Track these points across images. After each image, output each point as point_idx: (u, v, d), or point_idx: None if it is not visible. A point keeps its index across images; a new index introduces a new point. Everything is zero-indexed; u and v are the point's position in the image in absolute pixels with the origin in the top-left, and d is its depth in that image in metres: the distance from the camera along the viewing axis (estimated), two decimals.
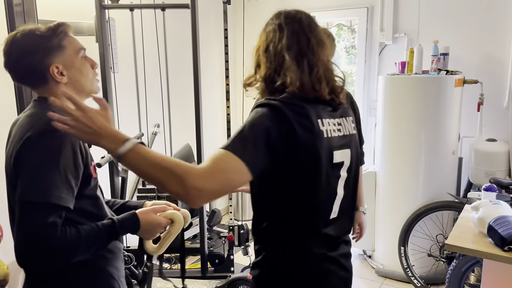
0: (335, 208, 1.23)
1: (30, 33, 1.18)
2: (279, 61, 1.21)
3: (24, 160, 1.09)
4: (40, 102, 1.22)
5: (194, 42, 2.59)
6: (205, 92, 4.21)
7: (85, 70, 1.25)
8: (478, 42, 3.37)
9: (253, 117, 1.12)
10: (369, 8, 3.85)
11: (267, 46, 1.24)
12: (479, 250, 1.74)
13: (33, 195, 1.05)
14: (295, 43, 1.21)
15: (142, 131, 2.88)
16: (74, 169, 1.12)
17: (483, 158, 3.22)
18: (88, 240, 1.11)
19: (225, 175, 1.04)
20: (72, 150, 1.11)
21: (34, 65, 1.17)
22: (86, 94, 1.28)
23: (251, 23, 4.39)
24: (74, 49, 1.23)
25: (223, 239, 2.89)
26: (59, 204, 1.07)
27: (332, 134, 1.19)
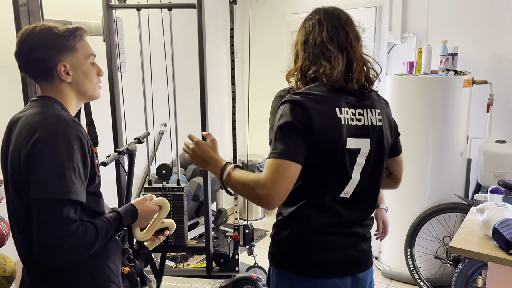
0: (347, 189, 1.31)
1: (48, 29, 1.23)
2: (316, 54, 1.32)
3: (38, 160, 1.11)
4: (45, 101, 1.24)
5: (200, 42, 2.60)
6: (212, 91, 4.22)
7: (90, 75, 1.30)
8: (488, 42, 3.33)
9: (280, 116, 1.25)
10: (377, 7, 3.82)
11: (306, 40, 1.34)
12: (484, 253, 1.72)
13: (54, 193, 1.08)
14: (334, 36, 1.31)
15: (148, 130, 2.90)
16: (83, 166, 1.16)
17: (492, 160, 3.17)
18: (103, 234, 1.18)
19: (282, 177, 1.19)
20: (81, 148, 1.16)
21: (44, 59, 1.21)
22: (87, 97, 1.34)
23: (258, 23, 4.40)
24: (85, 53, 1.28)
25: (228, 238, 2.89)
26: (78, 200, 1.12)
27: (349, 122, 1.28)
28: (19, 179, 1.16)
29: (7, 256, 2.44)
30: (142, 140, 2.73)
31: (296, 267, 1.33)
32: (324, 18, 1.34)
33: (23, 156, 1.13)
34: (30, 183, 1.11)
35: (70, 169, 1.11)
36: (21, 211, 1.19)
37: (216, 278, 2.86)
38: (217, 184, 3.90)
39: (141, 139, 2.71)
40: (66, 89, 1.26)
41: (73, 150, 1.13)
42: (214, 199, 4.17)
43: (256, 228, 4.25)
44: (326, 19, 1.34)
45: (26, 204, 1.13)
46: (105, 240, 1.20)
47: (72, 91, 1.28)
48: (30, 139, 1.13)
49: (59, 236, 1.07)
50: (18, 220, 1.23)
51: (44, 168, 1.10)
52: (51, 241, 1.07)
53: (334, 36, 1.32)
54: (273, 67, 4.44)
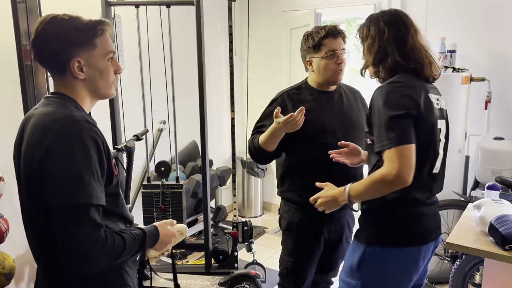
0: (437, 165, 1.57)
1: (68, 21, 1.17)
2: (391, 49, 1.51)
3: (54, 167, 1.07)
4: (58, 99, 1.19)
5: (199, 39, 2.60)
6: (211, 88, 4.22)
7: (106, 73, 1.23)
8: (486, 40, 3.33)
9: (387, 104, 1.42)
10: (376, 5, 3.82)
11: (379, 38, 1.53)
12: (480, 249, 1.73)
13: (75, 199, 1.05)
14: (403, 32, 1.53)
15: (147, 128, 2.90)
16: (100, 168, 1.12)
17: (490, 157, 3.18)
18: (129, 249, 1.16)
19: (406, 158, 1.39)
20: (97, 149, 1.11)
21: (58, 52, 1.15)
22: (99, 96, 1.27)
23: (257, 20, 4.40)
24: (104, 50, 1.21)
25: (227, 235, 2.90)
26: (99, 204, 1.09)
27: (435, 106, 1.53)
28: (33, 183, 1.12)
29: (6, 253, 2.45)
30: (141, 137, 2.74)
31: (403, 240, 1.53)
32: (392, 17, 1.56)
33: (36, 160, 1.09)
34: (47, 191, 1.07)
35: (88, 172, 1.07)
36: (35, 213, 1.15)
37: (215, 274, 2.87)
38: (216, 181, 3.90)
39: (139, 136, 2.72)
40: (79, 86, 1.20)
41: (89, 152, 1.08)
42: (213, 196, 4.18)
43: (255, 225, 4.26)
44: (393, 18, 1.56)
45: (41, 207, 1.09)
46: (129, 256, 1.18)
47: (85, 89, 1.21)
48: (42, 142, 1.08)
49: (87, 243, 1.04)
50: (32, 222, 1.19)
51: (62, 175, 1.06)
52: (79, 249, 1.04)
53: (402, 32, 1.54)
54: (272, 64, 4.44)
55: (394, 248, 1.54)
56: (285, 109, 1.93)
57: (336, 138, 1.89)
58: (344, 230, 2.08)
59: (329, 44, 1.93)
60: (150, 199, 2.86)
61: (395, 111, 1.41)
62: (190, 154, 4.07)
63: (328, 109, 1.97)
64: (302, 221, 2.00)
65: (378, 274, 1.56)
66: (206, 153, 2.82)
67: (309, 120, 1.86)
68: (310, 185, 1.87)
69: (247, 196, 4.64)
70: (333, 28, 1.94)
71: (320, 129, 1.93)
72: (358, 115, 2.03)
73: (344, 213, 2.04)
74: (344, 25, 4.49)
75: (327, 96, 2.00)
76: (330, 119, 1.95)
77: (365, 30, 1.60)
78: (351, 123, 2.00)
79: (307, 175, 1.92)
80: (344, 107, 2.02)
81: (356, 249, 1.60)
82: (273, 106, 1.98)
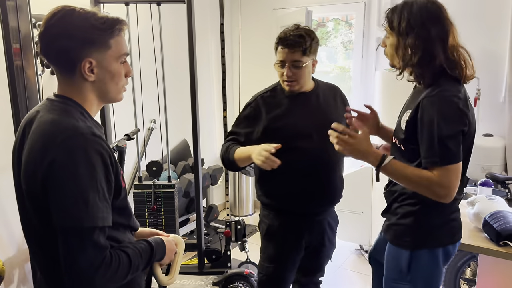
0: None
1: (84, 17, 1.07)
2: (437, 51, 1.41)
3: (58, 185, 1.01)
4: (63, 104, 1.11)
5: (190, 37, 2.58)
6: (202, 87, 4.20)
7: (117, 76, 1.14)
8: (475, 37, 3.36)
9: (444, 119, 1.36)
10: (366, 2, 3.83)
11: (425, 36, 1.41)
12: (475, 245, 1.75)
13: (79, 221, 1.00)
14: (446, 30, 1.43)
15: (138, 127, 2.87)
16: (106, 183, 1.06)
17: (479, 153, 3.21)
18: (135, 267, 1.11)
19: (457, 179, 1.40)
20: (103, 163, 1.05)
21: (68, 50, 1.06)
22: (107, 100, 1.19)
23: (247, 18, 4.38)
24: (118, 52, 1.12)
25: (220, 234, 2.89)
26: (104, 226, 1.03)
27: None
28: (37, 198, 1.06)
29: None
30: (132, 137, 2.71)
31: (447, 239, 1.55)
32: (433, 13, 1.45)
33: (39, 176, 1.02)
34: (51, 208, 1.01)
35: (93, 191, 1.01)
36: (41, 228, 1.09)
37: (208, 274, 2.86)
38: (208, 180, 3.88)
39: (131, 136, 2.69)
40: (87, 88, 1.11)
41: (95, 168, 1.02)
42: (205, 195, 4.16)
43: (247, 224, 4.24)
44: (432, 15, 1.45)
45: (47, 222, 1.04)
46: (135, 274, 1.12)
47: (94, 91, 1.13)
48: (44, 157, 1.01)
49: (91, 268, 0.99)
50: (37, 235, 1.13)
51: (65, 194, 1.00)
52: (81, 276, 1.00)
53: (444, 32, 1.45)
54: (263, 62, 4.43)
55: (439, 248, 1.54)
56: (259, 114, 1.85)
57: (313, 142, 1.81)
58: (326, 232, 1.99)
59: (280, 52, 1.79)
60: (141, 199, 2.84)
61: (451, 127, 1.36)
62: (181, 153, 4.04)
63: (304, 112, 1.86)
64: (282, 226, 1.92)
65: (427, 274, 1.56)
66: (199, 152, 2.80)
67: (284, 125, 1.81)
68: (287, 191, 1.84)
69: (238, 194, 4.63)
70: (289, 37, 1.76)
71: (295, 134, 1.83)
72: (337, 115, 1.89)
73: (325, 216, 1.96)
74: (331, 24, 4.50)
75: (303, 98, 1.87)
76: (306, 123, 1.84)
77: (404, 23, 1.43)
78: (328, 124, 1.85)
79: (284, 181, 1.84)
80: (321, 108, 1.90)
81: (400, 254, 1.57)
82: (247, 111, 1.90)
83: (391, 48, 1.50)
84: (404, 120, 1.50)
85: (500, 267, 1.86)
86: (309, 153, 1.81)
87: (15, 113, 1.93)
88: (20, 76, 1.87)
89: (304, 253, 1.96)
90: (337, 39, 4.63)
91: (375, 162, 1.46)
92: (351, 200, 3.58)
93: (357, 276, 3.31)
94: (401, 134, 1.52)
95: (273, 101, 1.87)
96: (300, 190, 1.84)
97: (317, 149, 1.81)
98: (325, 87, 1.97)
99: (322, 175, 1.85)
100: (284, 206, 1.88)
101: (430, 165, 1.39)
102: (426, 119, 1.38)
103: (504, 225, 1.69)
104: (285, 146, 1.74)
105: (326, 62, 4.79)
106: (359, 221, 3.54)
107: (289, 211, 1.87)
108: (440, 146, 1.35)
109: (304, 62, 1.76)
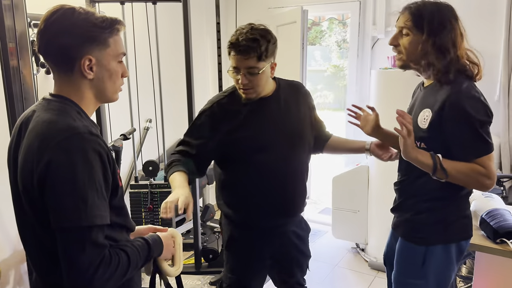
0: None
1: (84, 15, 1.09)
2: (458, 47, 1.50)
3: (55, 185, 1.00)
4: (60, 104, 1.11)
5: (186, 36, 2.57)
6: (198, 86, 4.19)
7: (115, 75, 1.16)
8: (470, 35, 3.35)
9: (477, 113, 1.41)
10: (361, 1, 3.84)
11: (450, 35, 1.48)
12: (472, 242, 1.75)
13: (78, 220, 0.99)
14: (460, 31, 1.52)
15: (134, 127, 2.86)
16: (104, 182, 1.07)
17: None
18: (134, 264, 1.11)
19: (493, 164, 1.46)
20: (101, 161, 1.05)
21: (69, 47, 1.07)
22: (104, 99, 1.19)
23: (242, 17, 4.37)
24: (116, 51, 1.14)
25: (217, 234, 2.89)
26: (103, 224, 1.04)
27: None
28: (33, 198, 1.05)
29: None
30: (128, 137, 2.71)
31: (462, 235, 1.57)
32: (451, 15, 1.56)
33: (36, 177, 1.02)
34: (49, 208, 1.01)
35: (92, 190, 1.01)
36: (37, 227, 1.09)
37: (205, 274, 2.86)
38: (204, 180, 3.87)
39: (127, 136, 2.69)
40: (85, 86, 1.12)
41: (93, 167, 1.02)
42: (201, 194, 4.15)
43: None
44: (453, 16, 1.56)
45: (43, 221, 1.04)
46: (134, 271, 1.13)
47: (91, 90, 1.14)
48: (41, 157, 1.01)
49: (91, 267, 0.99)
50: (33, 235, 1.13)
51: (63, 194, 1.00)
52: (82, 273, 0.99)
53: (458, 35, 1.55)
54: None
55: (453, 244, 1.56)
56: (215, 124, 1.71)
57: (274, 153, 1.70)
58: (292, 243, 1.88)
59: (233, 59, 1.62)
60: (138, 199, 2.83)
61: (484, 120, 1.43)
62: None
63: (263, 122, 1.71)
64: (243, 238, 1.81)
65: (441, 270, 1.57)
66: None
67: (243, 137, 1.68)
68: (247, 204, 1.75)
69: None
70: (241, 43, 1.57)
71: (255, 146, 1.69)
72: (299, 119, 1.79)
73: (288, 227, 1.84)
74: (326, 23, 4.50)
75: (263, 104, 1.71)
76: (267, 133, 1.70)
77: (436, 22, 1.49)
78: (291, 132, 1.75)
79: (244, 194, 1.74)
80: (282, 115, 1.74)
81: (414, 250, 1.58)
82: (202, 119, 1.76)
83: (411, 46, 1.50)
84: (423, 119, 1.50)
85: (497, 265, 1.87)
86: (268, 166, 1.70)
87: (11, 113, 1.92)
88: (17, 76, 1.86)
89: (271, 262, 1.86)
90: (331, 38, 4.64)
91: (425, 160, 1.45)
92: (347, 198, 3.59)
93: (353, 274, 3.32)
94: (421, 133, 1.51)
95: (230, 109, 1.72)
96: (260, 204, 1.74)
97: (277, 162, 1.70)
98: (287, 87, 1.80)
99: (283, 188, 1.74)
100: (244, 219, 1.79)
101: (474, 157, 1.43)
102: (460, 114, 1.41)
103: (501, 223, 1.70)
104: (245, 159, 1.69)
105: (321, 61, 4.81)
106: (355, 219, 3.55)
107: (249, 224, 1.79)
108: (480, 138, 1.41)
109: (260, 68, 1.60)
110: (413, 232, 1.59)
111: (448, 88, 1.45)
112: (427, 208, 1.55)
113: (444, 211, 1.54)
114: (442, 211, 1.54)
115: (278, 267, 1.91)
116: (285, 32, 3.67)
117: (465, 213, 1.58)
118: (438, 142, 1.46)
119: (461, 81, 1.46)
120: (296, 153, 1.76)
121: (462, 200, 1.56)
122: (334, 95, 11.35)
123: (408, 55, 1.53)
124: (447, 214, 1.54)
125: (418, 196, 1.57)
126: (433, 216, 1.54)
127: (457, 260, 1.60)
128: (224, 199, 1.82)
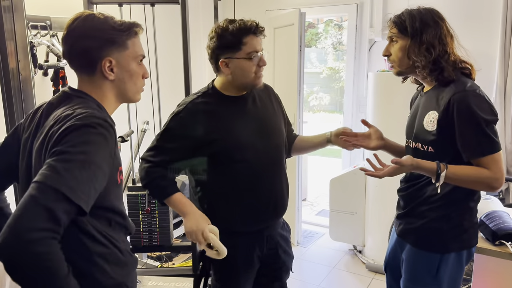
0: None
1: (103, 19, 1.17)
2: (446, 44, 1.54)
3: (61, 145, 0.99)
4: (80, 98, 1.15)
5: (184, 38, 2.57)
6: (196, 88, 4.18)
7: (135, 76, 1.23)
8: (466, 37, 3.35)
9: (482, 111, 1.41)
10: (358, 4, 3.86)
11: (430, 34, 1.51)
12: None
13: (54, 182, 0.92)
14: (447, 34, 1.56)
15: (131, 129, 2.85)
16: (102, 173, 1.03)
17: None
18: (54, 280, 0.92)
19: (502, 163, 1.43)
20: (109, 152, 1.06)
21: (91, 49, 1.14)
22: (126, 99, 1.26)
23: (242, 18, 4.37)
24: (135, 52, 1.21)
25: None
26: (79, 205, 0.94)
27: None
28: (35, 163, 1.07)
29: None
30: (126, 139, 2.69)
31: (472, 241, 1.57)
32: (438, 18, 1.62)
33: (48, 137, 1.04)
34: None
35: (90, 169, 0.98)
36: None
37: None
38: None
39: (125, 138, 2.67)
40: (107, 87, 1.19)
41: (97, 150, 1.01)
42: None
43: None
44: (440, 19, 1.62)
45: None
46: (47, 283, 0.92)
47: (112, 90, 1.20)
48: (57, 130, 1.03)
49: (31, 230, 0.86)
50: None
51: (62, 159, 0.96)
52: (19, 227, 0.86)
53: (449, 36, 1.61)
54: None
55: (465, 250, 1.56)
56: (191, 125, 1.66)
57: (256, 152, 1.66)
58: (279, 245, 1.82)
59: (250, 43, 1.62)
60: (135, 202, 2.81)
61: (490, 118, 1.41)
62: None
63: (243, 120, 1.69)
64: (233, 247, 1.65)
65: (453, 276, 1.57)
66: None
67: (223, 137, 1.63)
68: (233, 210, 1.68)
69: None
70: (254, 24, 1.64)
71: (236, 146, 1.65)
72: (276, 116, 1.80)
73: (275, 228, 1.81)
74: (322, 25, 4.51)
75: (241, 102, 1.71)
76: (247, 131, 1.67)
77: (417, 23, 1.54)
78: (270, 130, 1.75)
79: (229, 198, 1.68)
80: (259, 112, 1.74)
81: (427, 258, 1.57)
82: (175, 122, 1.70)
83: (401, 52, 1.54)
84: (429, 121, 1.49)
85: (496, 267, 1.88)
86: (254, 165, 1.66)
87: (10, 115, 1.90)
88: (16, 78, 1.84)
89: (259, 267, 1.81)
90: (327, 41, 4.65)
91: (431, 170, 1.45)
92: (345, 200, 3.60)
93: (351, 276, 3.32)
94: (429, 136, 1.50)
95: (207, 109, 1.68)
96: (247, 207, 1.68)
97: (260, 159, 1.67)
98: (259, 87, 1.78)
99: (269, 186, 1.71)
100: (230, 226, 1.69)
101: (479, 156, 1.41)
102: (465, 113, 1.41)
103: (499, 225, 1.71)
104: (227, 161, 1.64)
105: (316, 63, 4.81)
106: (352, 221, 3.55)
107: (237, 231, 1.71)
108: (485, 136, 1.40)
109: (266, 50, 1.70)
110: (428, 240, 1.56)
111: (452, 87, 1.45)
112: (442, 215, 1.53)
113: (460, 218, 1.53)
114: (459, 218, 1.53)
115: (265, 271, 1.84)
116: (283, 34, 3.67)
117: (476, 219, 1.59)
118: (447, 141, 1.45)
119: (464, 80, 1.48)
120: (279, 148, 1.76)
121: (474, 205, 1.55)
122: (330, 97, 11.39)
123: (400, 62, 1.56)
124: (463, 220, 1.53)
125: (431, 203, 1.54)
126: (449, 223, 1.53)
127: (466, 265, 1.60)
128: (207, 212, 1.66)
